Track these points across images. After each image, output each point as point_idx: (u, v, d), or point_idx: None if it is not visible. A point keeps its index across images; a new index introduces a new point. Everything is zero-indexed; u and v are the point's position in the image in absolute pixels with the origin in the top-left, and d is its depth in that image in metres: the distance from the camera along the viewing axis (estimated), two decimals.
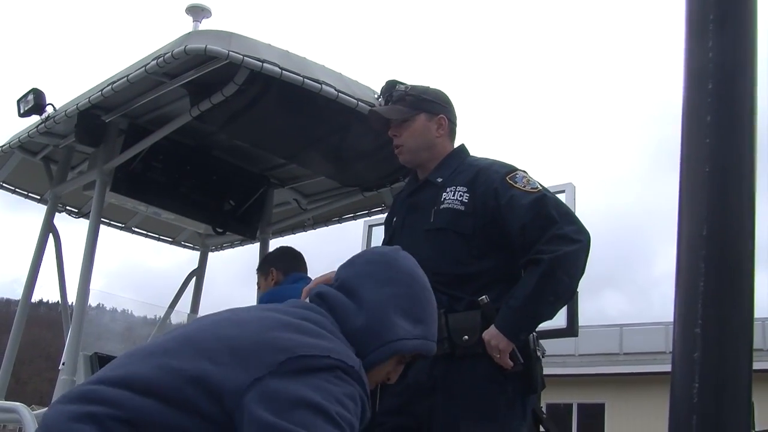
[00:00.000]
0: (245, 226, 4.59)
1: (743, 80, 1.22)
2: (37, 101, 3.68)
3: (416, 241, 2.45)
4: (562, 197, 2.77)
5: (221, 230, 4.53)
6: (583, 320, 3.35)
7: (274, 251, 3.96)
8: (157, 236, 5.13)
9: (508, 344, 2.32)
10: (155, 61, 3.05)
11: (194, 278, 5.05)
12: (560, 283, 2.34)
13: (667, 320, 16.20)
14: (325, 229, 4.83)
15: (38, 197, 4.60)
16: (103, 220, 4.18)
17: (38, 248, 4.16)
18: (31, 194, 4.60)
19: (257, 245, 4.79)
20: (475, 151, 2.72)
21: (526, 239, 2.39)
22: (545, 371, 2.48)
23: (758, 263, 1.21)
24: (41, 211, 4.34)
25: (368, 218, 4.54)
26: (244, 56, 2.93)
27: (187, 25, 3.68)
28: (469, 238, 2.47)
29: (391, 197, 3.84)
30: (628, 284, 49.99)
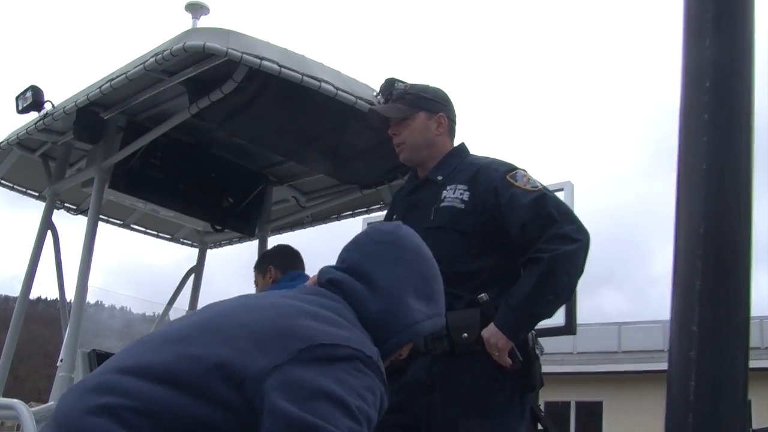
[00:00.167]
0: (244, 223, 4.59)
1: (741, 79, 1.22)
2: (35, 98, 3.68)
3: None
4: (560, 195, 2.77)
5: (220, 227, 4.54)
6: (581, 318, 3.34)
7: (271, 249, 3.96)
8: (155, 233, 5.13)
9: (507, 342, 2.32)
10: (154, 58, 3.05)
11: (193, 275, 5.05)
12: (559, 282, 2.34)
13: (665, 318, 16.21)
14: (323, 226, 4.84)
15: (37, 194, 4.59)
16: (101, 217, 4.19)
17: (37, 245, 4.16)
18: (29, 191, 4.60)
19: (256, 242, 4.79)
20: (474, 149, 2.73)
21: (525, 238, 2.39)
22: (543, 369, 2.49)
23: (755, 261, 1.21)
24: (40, 207, 4.35)
25: (367, 216, 4.53)
26: (242, 53, 2.93)
27: (185, 22, 3.69)
28: (468, 236, 2.47)
29: (389, 195, 3.84)
30: (626, 282, 50.10)
